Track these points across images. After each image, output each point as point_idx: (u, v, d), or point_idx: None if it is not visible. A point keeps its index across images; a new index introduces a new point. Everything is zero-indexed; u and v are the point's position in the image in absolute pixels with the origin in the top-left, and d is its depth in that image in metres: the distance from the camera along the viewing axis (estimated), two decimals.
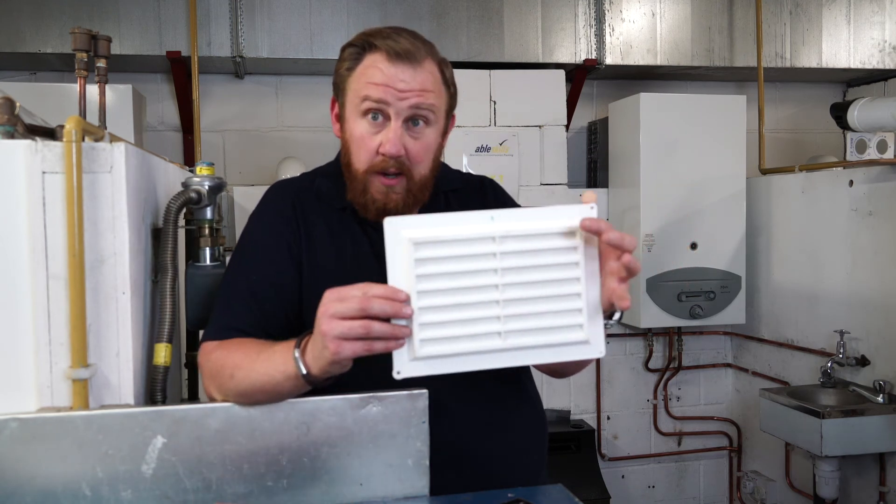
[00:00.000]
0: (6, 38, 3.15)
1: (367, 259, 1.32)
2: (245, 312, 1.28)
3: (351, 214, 1.35)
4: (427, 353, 1.05)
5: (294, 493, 1.19)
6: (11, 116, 1.44)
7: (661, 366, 3.83)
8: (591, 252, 1.09)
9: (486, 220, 1.07)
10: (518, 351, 1.08)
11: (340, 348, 1.03)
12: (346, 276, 1.27)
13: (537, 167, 3.51)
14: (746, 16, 3.74)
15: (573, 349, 1.10)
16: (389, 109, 1.25)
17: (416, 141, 1.27)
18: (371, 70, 1.25)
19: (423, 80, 1.26)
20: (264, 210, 1.39)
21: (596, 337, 1.10)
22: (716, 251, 3.50)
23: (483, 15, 3.50)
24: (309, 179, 1.43)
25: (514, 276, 1.07)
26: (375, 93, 1.24)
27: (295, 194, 1.39)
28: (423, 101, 1.26)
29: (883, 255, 2.89)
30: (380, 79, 1.24)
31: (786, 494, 3.48)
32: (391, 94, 1.24)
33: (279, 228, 1.34)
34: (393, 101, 1.24)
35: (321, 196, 1.38)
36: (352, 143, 1.29)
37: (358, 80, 1.27)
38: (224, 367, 1.20)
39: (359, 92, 1.26)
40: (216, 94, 3.61)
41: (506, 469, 1.34)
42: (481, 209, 1.09)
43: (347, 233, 1.35)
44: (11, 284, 1.42)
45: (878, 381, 2.83)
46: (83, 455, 1.13)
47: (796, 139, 4.20)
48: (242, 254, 1.36)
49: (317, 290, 1.25)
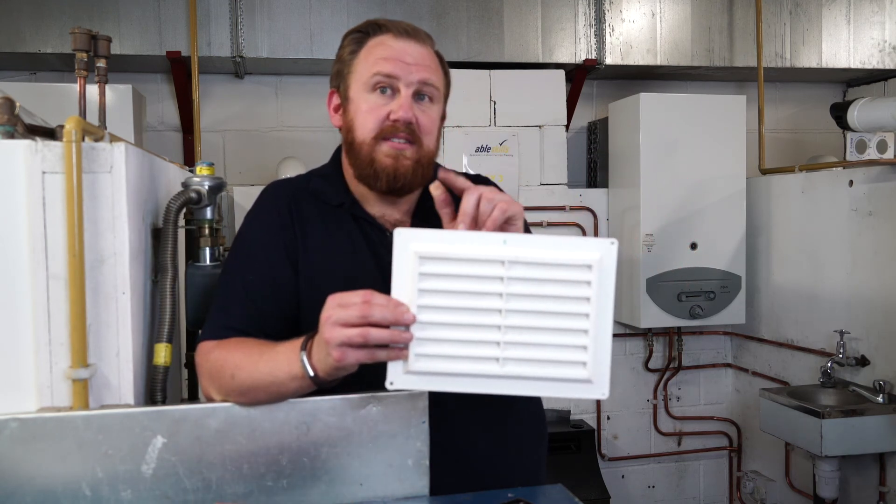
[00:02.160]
0: (6, 38, 3.15)
1: (364, 256, 1.32)
2: (242, 312, 1.28)
3: (348, 212, 1.35)
4: (421, 367, 1.04)
5: (294, 493, 1.19)
6: (11, 116, 1.44)
7: (661, 366, 3.83)
8: (606, 289, 1.06)
9: (498, 242, 1.04)
10: (515, 380, 1.05)
11: (344, 356, 1.03)
12: (343, 274, 1.28)
13: (537, 167, 3.51)
14: (746, 16, 3.74)
15: (574, 387, 1.06)
16: (399, 83, 1.27)
17: (423, 113, 1.30)
18: (379, 48, 1.29)
19: (428, 57, 1.31)
20: (260, 210, 1.39)
21: (600, 377, 1.06)
22: (716, 251, 3.50)
23: (483, 15, 3.50)
24: (304, 180, 1.43)
25: (519, 304, 1.04)
26: (385, 67, 1.27)
27: (291, 193, 1.38)
28: (430, 76, 1.30)
29: (883, 255, 2.89)
30: (389, 53, 1.28)
31: (786, 494, 3.48)
32: (401, 67, 1.27)
33: (275, 228, 1.34)
34: (403, 74, 1.27)
35: (317, 195, 1.38)
36: (357, 118, 1.30)
37: (365, 60, 1.30)
38: (224, 367, 1.20)
39: (368, 69, 1.29)
40: (216, 94, 3.61)
41: (506, 469, 1.34)
42: None
43: (344, 230, 1.34)
44: (11, 284, 1.42)
45: (878, 381, 2.83)
46: (83, 455, 1.13)
47: (796, 139, 4.20)
48: (238, 254, 1.36)
49: (314, 288, 1.25)
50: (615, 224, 3.65)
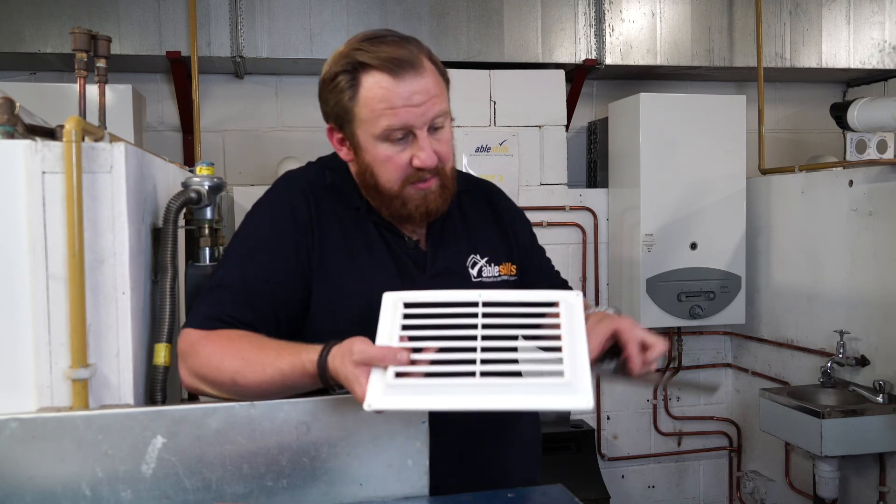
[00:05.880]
0: (6, 38, 3.15)
1: (382, 259, 1.31)
2: (234, 308, 1.24)
3: (365, 214, 1.33)
4: (400, 382, 1.04)
5: (294, 493, 1.19)
6: (11, 116, 1.44)
7: (661, 366, 3.83)
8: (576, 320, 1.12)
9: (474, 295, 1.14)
10: (496, 395, 1.03)
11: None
12: (361, 278, 1.27)
13: (537, 167, 3.51)
14: (746, 16, 3.74)
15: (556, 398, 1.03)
16: (414, 128, 1.22)
17: (440, 142, 1.26)
18: (378, 93, 1.21)
19: (430, 84, 1.23)
20: (275, 205, 1.34)
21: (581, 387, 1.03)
22: (716, 251, 3.50)
23: (483, 15, 3.50)
24: (317, 172, 1.39)
25: (495, 331, 1.10)
26: (396, 120, 1.21)
27: (308, 191, 1.34)
28: (439, 106, 1.24)
29: (883, 255, 2.89)
30: (395, 101, 1.20)
31: (786, 494, 3.48)
32: (412, 115, 1.21)
33: (288, 229, 1.30)
34: (416, 121, 1.22)
35: (334, 192, 1.34)
36: (376, 166, 1.26)
37: (367, 108, 1.22)
38: (221, 368, 1.18)
39: (377, 122, 1.22)
40: (216, 94, 3.61)
41: (505, 469, 1.34)
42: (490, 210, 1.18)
43: (361, 233, 1.32)
44: (11, 284, 1.43)
45: (877, 381, 2.83)
46: (83, 455, 1.13)
47: (796, 139, 4.20)
48: (243, 244, 1.31)
49: (330, 291, 1.25)
50: (615, 224, 3.66)
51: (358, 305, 1.24)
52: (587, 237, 3.66)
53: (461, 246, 1.37)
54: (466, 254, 1.37)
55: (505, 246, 1.42)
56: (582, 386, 1.03)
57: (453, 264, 1.35)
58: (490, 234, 1.41)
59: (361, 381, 1.04)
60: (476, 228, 1.40)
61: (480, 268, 1.37)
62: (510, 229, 1.44)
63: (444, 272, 1.33)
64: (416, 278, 1.31)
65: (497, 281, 1.37)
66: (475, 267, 1.37)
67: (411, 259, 1.33)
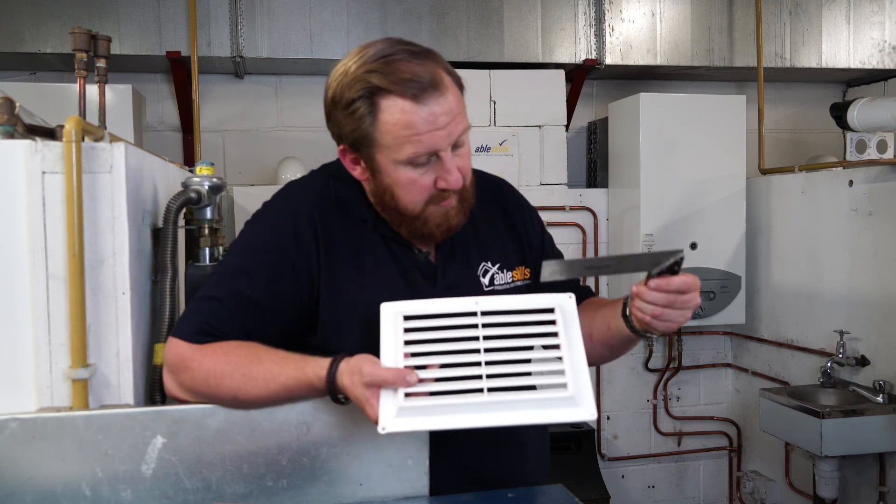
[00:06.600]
0: (6, 38, 3.15)
1: (389, 273, 1.28)
2: (226, 320, 1.22)
3: (373, 226, 1.29)
4: (411, 404, 1.06)
5: (294, 493, 1.19)
6: (11, 116, 1.44)
7: (661, 366, 3.83)
8: (572, 326, 1.13)
9: (471, 303, 1.15)
10: (503, 411, 1.08)
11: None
12: (368, 292, 1.25)
13: (537, 167, 3.51)
14: (746, 16, 3.74)
15: (561, 411, 1.08)
16: (439, 151, 1.19)
17: (462, 158, 1.23)
18: (402, 119, 1.16)
19: (452, 104, 1.18)
20: (278, 221, 1.29)
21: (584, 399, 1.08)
22: (716, 251, 3.50)
23: (483, 15, 3.50)
24: (322, 184, 1.33)
25: (496, 343, 1.12)
26: (422, 147, 1.17)
27: (313, 202, 1.29)
28: (461, 123, 1.20)
29: (883, 255, 2.89)
30: (419, 127, 1.15)
31: (786, 494, 3.48)
32: (436, 138, 1.17)
33: (289, 248, 1.25)
34: (441, 143, 1.17)
35: (341, 205, 1.30)
36: (398, 188, 1.22)
37: (389, 134, 1.17)
38: (222, 379, 1.16)
39: (399, 149, 1.17)
40: (216, 94, 3.61)
41: (506, 469, 1.34)
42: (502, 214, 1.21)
43: (368, 246, 1.29)
44: (11, 284, 1.43)
45: (877, 381, 2.83)
46: (83, 455, 1.13)
47: (796, 139, 4.20)
48: (241, 258, 1.27)
49: (337, 305, 1.25)
50: (615, 224, 3.66)
51: (366, 319, 1.20)
52: (587, 237, 3.67)
53: (471, 255, 1.34)
54: (477, 262, 1.34)
55: (518, 250, 1.39)
56: (585, 398, 1.08)
57: (464, 274, 1.33)
58: (502, 240, 1.38)
59: (372, 403, 1.06)
60: (487, 235, 1.37)
61: (492, 276, 1.34)
62: (523, 231, 1.41)
63: (455, 284, 1.31)
64: (427, 292, 1.27)
65: (510, 287, 1.35)
66: (486, 275, 1.34)
67: (421, 272, 1.30)
